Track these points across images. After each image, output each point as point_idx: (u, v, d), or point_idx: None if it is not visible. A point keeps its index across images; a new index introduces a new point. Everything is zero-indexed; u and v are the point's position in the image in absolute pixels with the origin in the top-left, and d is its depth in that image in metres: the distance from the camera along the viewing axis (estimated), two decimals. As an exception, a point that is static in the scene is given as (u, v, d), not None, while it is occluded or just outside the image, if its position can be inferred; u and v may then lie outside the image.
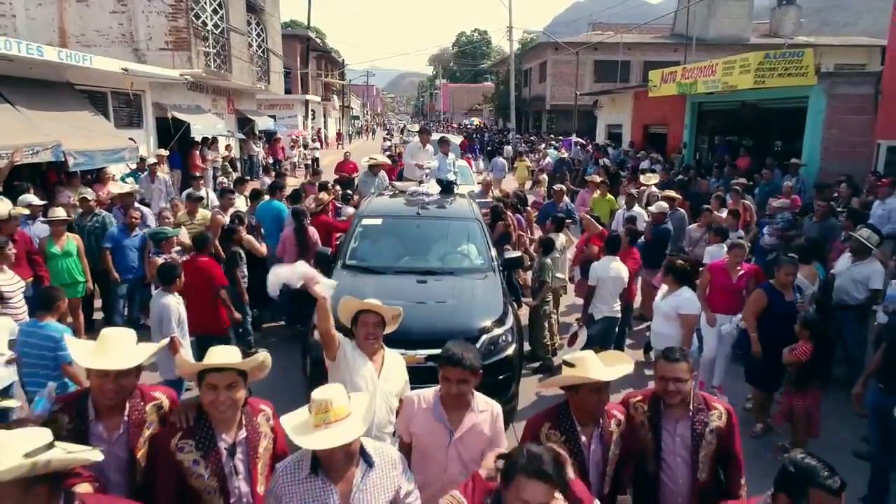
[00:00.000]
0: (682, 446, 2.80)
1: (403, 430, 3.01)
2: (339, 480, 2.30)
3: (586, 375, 2.62)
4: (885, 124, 10.93)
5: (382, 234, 6.36)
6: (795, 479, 2.05)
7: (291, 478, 2.29)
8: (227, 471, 2.46)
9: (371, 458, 2.34)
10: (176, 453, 2.40)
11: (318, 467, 2.27)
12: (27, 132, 8.23)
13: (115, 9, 13.55)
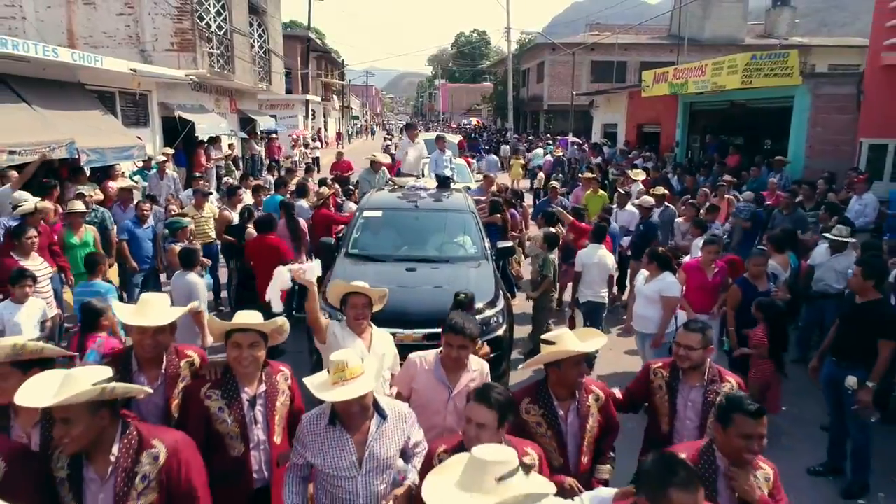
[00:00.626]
0: (693, 411, 3.11)
1: (404, 386, 3.39)
2: (354, 431, 2.62)
3: (566, 349, 2.90)
4: (867, 123, 11.34)
5: (382, 226, 6.76)
6: (723, 408, 2.45)
7: (313, 427, 2.65)
8: (248, 419, 2.85)
9: (384, 412, 2.67)
10: (205, 400, 2.80)
11: (336, 419, 2.60)
12: (43, 130, 8.62)
13: (122, 11, 13.95)
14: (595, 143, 22.66)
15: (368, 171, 9.60)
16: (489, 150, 26.71)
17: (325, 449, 2.59)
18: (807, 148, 12.17)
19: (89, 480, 2.21)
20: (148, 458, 2.24)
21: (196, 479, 2.34)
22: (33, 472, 2.18)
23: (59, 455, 2.22)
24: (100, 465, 2.21)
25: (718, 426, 2.46)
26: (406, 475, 2.73)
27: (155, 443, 2.28)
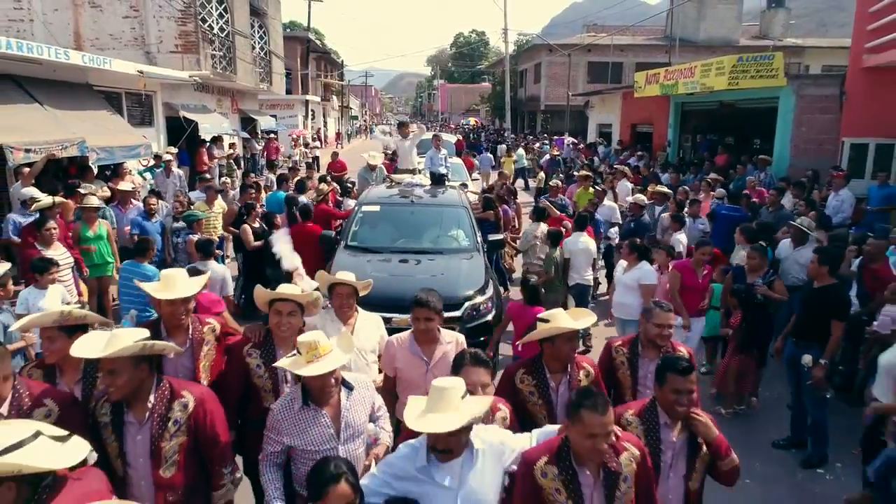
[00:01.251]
0: (652, 382, 3.28)
1: (388, 367, 3.73)
2: (327, 406, 2.80)
3: (559, 326, 3.18)
4: (849, 123, 11.74)
5: (380, 220, 7.16)
6: (659, 368, 2.83)
7: (287, 413, 2.79)
8: (280, 376, 3.25)
9: (350, 384, 2.92)
10: (245, 357, 3.25)
11: (309, 398, 2.77)
12: (55, 129, 8.99)
13: (127, 14, 14.32)
14: (591, 143, 23.10)
15: (365, 170, 10.00)
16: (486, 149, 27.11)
17: (303, 430, 2.76)
18: (791, 147, 12.56)
19: (129, 424, 2.61)
20: (179, 406, 2.65)
21: (219, 426, 2.74)
22: (80, 416, 2.58)
23: (102, 404, 2.62)
24: (138, 411, 2.62)
25: (656, 384, 2.83)
26: (378, 436, 3.02)
27: (185, 393, 2.69)
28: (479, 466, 2.42)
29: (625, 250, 6.11)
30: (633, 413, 2.86)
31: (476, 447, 2.42)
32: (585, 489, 2.37)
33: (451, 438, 2.33)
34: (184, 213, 7.74)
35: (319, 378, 2.70)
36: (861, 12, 11.53)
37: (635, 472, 2.43)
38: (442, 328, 3.67)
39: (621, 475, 2.41)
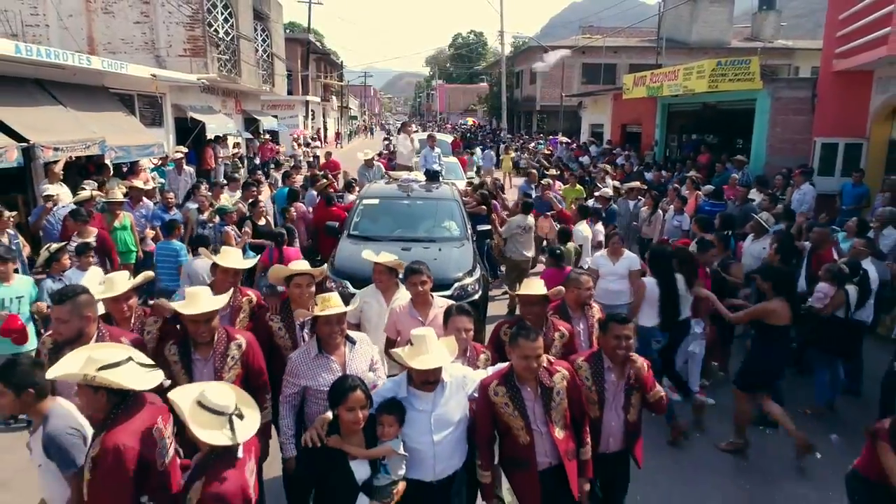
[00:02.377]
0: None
1: (392, 330, 4.43)
2: (335, 355, 3.43)
3: (529, 292, 3.94)
4: (821, 124, 12.47)
5: (380, 212, 7.89)
6: (602, 322, 3.56)
7: (304, 359, 3.42)
8: (298, 337, 3.94)
9: (353, 339, 3.61)
10: (269, 322, 3.93)
11: (322, 348, 3.43)
12: (77, 129, 9.70)
13: (138, 19, 15.04)
14: (583, 143, 23.84)
15: (364, 168, 10.74)
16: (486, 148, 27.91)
17: (317, 373, 3.38)
18: (767, 146, 13.29)
19: (196, 360, 3.35)
20: (234, 346, 3.40)
21: (262, 362, 3.53)
22: (145, 354, 3.31)
23: (170, 346, 3.37)
24: (204, 351, 3.37)
25: (600, 333, 3.55)
26: (376, 383, 3.58)
27: (238, 336, 3.46)
28: (447, 394, 3.14)
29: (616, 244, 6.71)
30: (583, 359, 3.57)
31: (445, 380, 3.14)
32: (528, 402, 3.09)
33: (437, 371, 3.05)
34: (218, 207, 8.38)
35: (328, 325, 3.39)
36: (831, 19, 12.24)
37: (566, 387, 3.16)
38: (435, 295, 4.38)
39: (555, 389, 3.13)
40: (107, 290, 3.76)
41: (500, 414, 3.10)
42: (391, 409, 3.00)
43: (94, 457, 2.51)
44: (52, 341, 3.36)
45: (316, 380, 3.42)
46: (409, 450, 3.03)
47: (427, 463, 3.08)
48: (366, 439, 2.96)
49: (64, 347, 3.14)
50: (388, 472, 2.96)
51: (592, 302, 4.41)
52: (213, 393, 2.59)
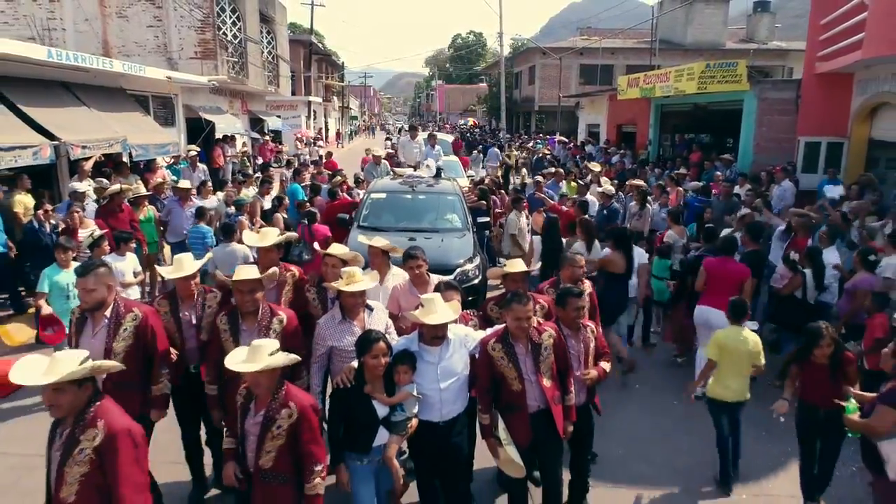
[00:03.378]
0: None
1: (394, 306, 4.98)
2: (356, 320, 4.04)
3: (512, 270, 4.53)
4: (804, 123, 13.08)
5: (387, 205, 8.50)
6: (559, 296, 4.14)
7: (330, 324, 4.04)
8: (328, 306, 4.51)
9: (371, 307, 4.23)
10: (306, 293, 4.56)
11: (345, 315, 4.06)
12: (101, 128, 10.31)
13: (151, 23, 15.65)
14: (580, 143, 24.46)
15: (372, 165, 11.36)
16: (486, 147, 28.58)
17: (342, 336, 3.99)
18: (754, 145, 13.92)
19: (243, 331, 3.86)
20: (277, 321, 3.93)
21: (298, 334, 4.04)
22: (158, 318, 3.98)
23: (222, 316, 3.94)
24: (250, 321, 3.88)
25: (558, 308, 4.14)
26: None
27: (280, 312, 4.00)
28: (451, 349, 3.74)
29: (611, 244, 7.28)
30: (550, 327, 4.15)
31: (450, 337, 3.75)
32: (520, 356, 3.70)
33: (444, 327, 3.66)
34: (236, 199, 9.01)
35: (352, 298, 4.01)
36: (814, 24, 12.87)
37: (553, 344, 3.76)
38: (432, 274, 4.97)
39: (543, 345, 3.73)
40: (176, 270, 4.28)
41: (497, 366, 3.71)
42: (405, 359, 3.61)
43: (98, 446, 2.60)
44: (80, 312, 3.82)
45: (341, 341, 4.04)
46: (419, 396, 3.65)
47: (435, 407, 3.70)
48: (385, 384, 3.57)
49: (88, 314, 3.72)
50: (404, 410, 3.57)
51: (584, 279, 5.01)
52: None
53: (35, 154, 8.11)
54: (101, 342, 3.70)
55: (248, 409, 3.22)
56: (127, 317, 3.77)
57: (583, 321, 4.14)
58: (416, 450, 3.90)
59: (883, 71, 10.83)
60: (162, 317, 4.20)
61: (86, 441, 2.62)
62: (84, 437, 2.63)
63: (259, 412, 3.15)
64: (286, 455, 3.11)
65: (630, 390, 6.36)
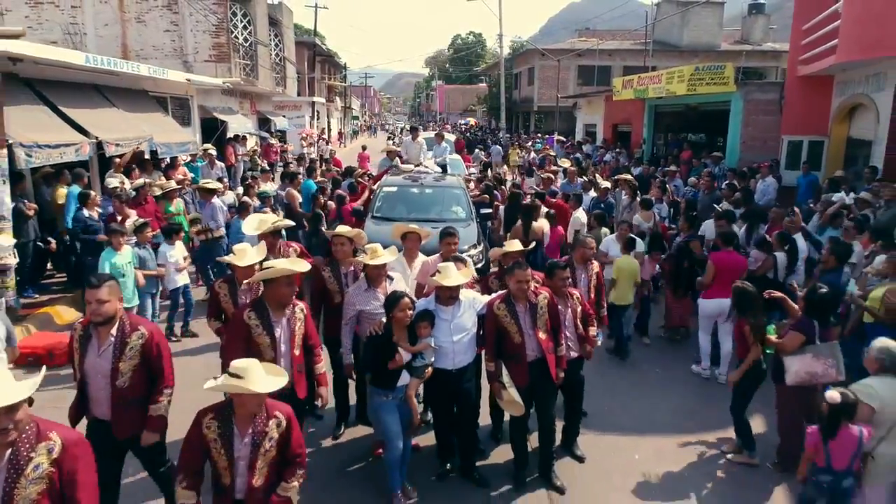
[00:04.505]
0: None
1: (423, 277, 5.77)
2: (379, 288, 4.81)
3: (510, 249, 5.34)
4: (787, 123, 13.89)
5: (398, 198, 9.28)
6: (548, 269, 4.91)
7: (358, 292, 4.77)
8: (342, 283, 5.23)
9: (391, 277, 4.99)
10: (322, 272, 5.26)
11: (370, 284, 4.88)
12: (129, 128, 11.07)
13: (168, 28, 16.42)
14: (578, 142, 25.26)
15: (385, 160, 12.17)
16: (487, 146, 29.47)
17: (367, 301, 4.72)
18: (741, 144, 14.71)
19: (275, 323, 3.97)
20: (299, 311, 4.10)
21: (315, 332, 4.50)
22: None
23: (250, 312, 3.95)
24: (279, 315, 4.00)
25: (547, 278, 4.89)
26: None
27: (299, 302, 4.17)
28: (462, 309, 4.52)
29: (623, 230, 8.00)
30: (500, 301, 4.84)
31: (461, 299, 4.53)
32: (520, 314, 4.46)
33: (457, 289, 4.44)
34: (260, 192, 9.77)
35: (376, 269, 4.78)
36: (796, 29, 13.66)
37: (547, 304, 4.53)
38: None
39: (539, 305, 4.50)
40: (239, 258, 4.70)
41: (501, 322, 4.48)
42: (425, 316, 4.39)
43: (58, 458, 2.51)
44: (83, 327, 3.65)
45: (367, 305, 4.81)
46: (436, 347, 4.42)
47: (448, 356, 4.47)
48: (408, 336, 4.35)
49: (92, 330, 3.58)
50: (424, 358, 4.35)
51: (593, 259, 5.79)
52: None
53: (77, 151, 8.86)
54: (108, 361, 3.58)
55: (230, 437, 3.07)
56: (133, 335, 3.62)
57: (569, 290, 4.91)
58: (433, 394, 4.70)
59: (858, 74, 11.62)
60: (221, 299, 4.73)
61: (40, 456, 2.50)
62: (36, 452, 2.50)
63: (245, 435, 3.07)
64: (276, 467, 3.18)
65: (614, 359, 7.14)
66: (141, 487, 4.31)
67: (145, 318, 6.75)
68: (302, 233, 8.79)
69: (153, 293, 7.11)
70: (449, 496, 4.58)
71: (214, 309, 4.87)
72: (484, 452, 5.13)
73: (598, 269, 5.71)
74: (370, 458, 5.02)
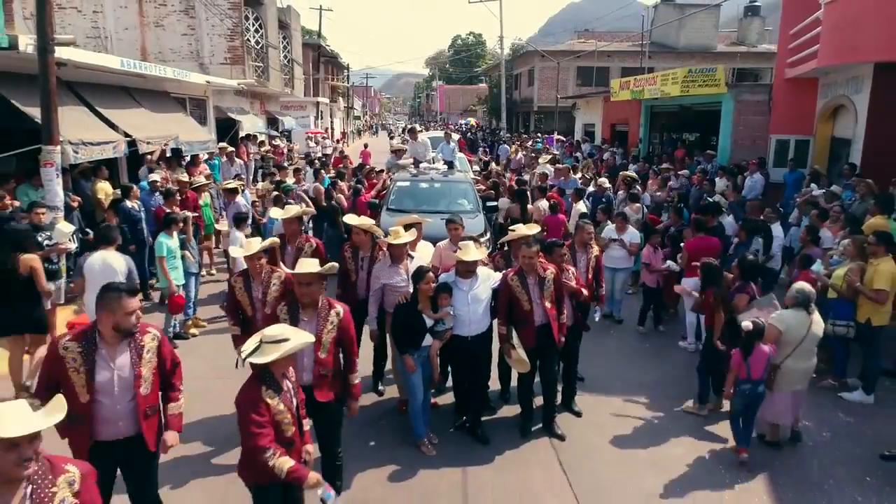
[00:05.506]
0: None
1: (436, 260, 6.54)
2: (401, 264, 5.67)
3: (519, 234, 6.16)
4: (775, 123, 14.64)
5: (410, 191, 10.05)
6: (546, 247, 5.68)
7: (383, 268, 5.57)
8: (358, 266, 6.00)
9: (412, 255, 5.79)
10: (345, 253, 6.04)
11: (394, 261, 5.71)
12: (156, 127, 11.83)
13: (185, 32, 17.17)
14: (577, 141, 26.04)
15: (394, 157, 12.95)
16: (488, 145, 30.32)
17: (391, 276, 5.48)
18: (732, 142, 15.46)
19: (303, 321, 3.97)
20: (334, 313, 4.02)
21: (353, 332, 4.22)
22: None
23: (283, 307, 4.05)
24: (310, 314, 4.01)
25: (546, 255, 5.58)
26: None
27: (337, 305, 4.10)
28: (478, 282, 5.26)
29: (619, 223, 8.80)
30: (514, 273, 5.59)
31: (478, 274, 5.28)
32: (530, 285, 5.21)
33: (474, 263, 5.19)
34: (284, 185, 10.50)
35: (399, 248, 5.55)
36: (784, 33, 14.41)
37: (553, 279, 5.28)
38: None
39: (546, 279, 5.25)
40: (246, 249, 5.02)
41: (513, 292, 5.23)
42: (445, 288, 5.14)
43: (79, 489, 2.41)
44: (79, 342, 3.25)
45: (391, 279, 5.59)
46: (455, 315, 5.18)
47: (465, 324, 5.22)
48: (431, 305, 5.10)
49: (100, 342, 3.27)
50: (444, 323, 5.11)
51: (592, 243, 6.53)
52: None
53: (114, 148, 9.61)
54: (128, 370, 3.30)
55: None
56: (146, 337, 3.39)
57: (566, 266, 5.66)
58: (451, 356, 5.46)
59: (839, 77, 12.38)
60: (237, 292, 4.92)
61: (63, 490, 2.36)
62: (57, 486, 2.35)
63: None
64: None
65: (610, 335, 7.90)
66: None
67: (189, 295, 7.57)
68: (326, 224, 9.60)
69: (195, 273, 7.85)
70: (464, 445, 5.33)
71: (232, 305, 5.05)
72: (494, 410, 5.89)
73: (597, 253, 6.44)
74: (398, 413, 5.78)
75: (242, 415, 3.17)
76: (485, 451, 5.20)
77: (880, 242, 5.79)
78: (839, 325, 6.10)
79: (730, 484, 4.79)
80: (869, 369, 6.13)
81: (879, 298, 5.69)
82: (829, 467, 5.02)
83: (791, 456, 5.22)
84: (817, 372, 6.56)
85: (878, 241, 5.81)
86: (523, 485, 4.76)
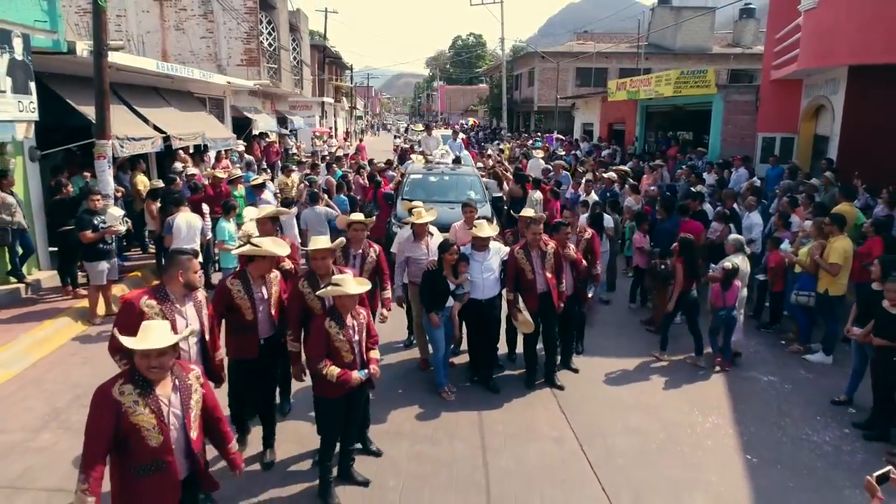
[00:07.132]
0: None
1: (454, 238, 7.44)
2: (423, 240, 6.59)
3: (524, 215, 7.08)
4: (762, 122, 15.56)
5: (423, 183, 10.98)
6: (548, 228, 6.61)
7: (405, 240, 6.61)
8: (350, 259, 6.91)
9: (432, 233, 6.71)
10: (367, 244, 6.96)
11: (416, 237, 6.62)
12: (187, 125, 12.72)
13: (204, 35, 18.07)
14: (576, 140, 26.98)
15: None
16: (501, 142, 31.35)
17: (413, 249, 6.43)
18: (721, 140, 16.38)
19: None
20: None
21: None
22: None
23: (303, 281, 4.63)
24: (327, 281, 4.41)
25: (546, 234, 6.54)
26: None
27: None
28: (490, 255, 6.20)
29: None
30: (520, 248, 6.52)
31: (490, 248, 6.20)
32: (534, 258, 6.12)
33: (487, 239, 6.12)
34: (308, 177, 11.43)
35: (422, 227, 6.48)
36: (770, 37, 15.34)
37: (553, 252, 6.19)
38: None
39: (547, 253, 6.16)
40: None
41: (519, 263, 6.15)
42: (465, 258, 6.07)
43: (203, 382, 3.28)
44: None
45: (414, 253, 6.51)
46: (472, 280, 6.10)
47: (479, 289, 6.15)
48: (453, 272, 6.02)
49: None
50: (463, 287, 6.03)
51: (586, 227, 7.45)
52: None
53: (153, 144, 10.53)
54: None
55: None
56: (190, 375, 3.18)
57: (567, 244, 6.58)
58: (468, 317, 6.37)
59: (819, 79, 13.31)
60: (234, 296, 4.48)
61: (193, 380, 3.18)
62: (189, 378, 3.17)
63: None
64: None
65: (605, 311, 8.83)
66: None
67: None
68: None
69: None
70: (479, 394, 6.25)
71: (221, 306, 4.50)
72: (502, 368, 6.81)
73: (588, 236, 7.32)
74: (421, 370, 6.70)
75: (308, 337, 4.30)
76: (496, 399, 6.12)
77: (833, 223, 6.72)
78: (801, 295, 7.04)
79: (702, 422, 5.73)
80: (828, 334, 7.06)
81: (833, 271, 6.62)
82: (787, 411, 5.95)
83: (757, 402, 6.15)
84: (786, 340, 7.62)
85: (832, 222, 6.74)
86: (529, 422, 5.69)
